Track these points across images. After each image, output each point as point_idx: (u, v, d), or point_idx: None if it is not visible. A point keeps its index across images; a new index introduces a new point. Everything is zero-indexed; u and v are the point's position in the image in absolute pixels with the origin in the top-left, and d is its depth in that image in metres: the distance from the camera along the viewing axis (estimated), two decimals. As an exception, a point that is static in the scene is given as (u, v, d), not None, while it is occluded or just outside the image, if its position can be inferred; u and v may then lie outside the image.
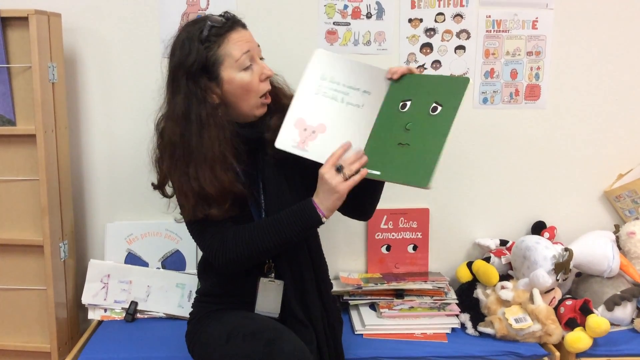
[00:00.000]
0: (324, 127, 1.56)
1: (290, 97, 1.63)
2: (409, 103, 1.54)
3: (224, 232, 1.56)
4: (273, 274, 1.65)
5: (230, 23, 1.56)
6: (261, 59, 1.61)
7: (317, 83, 1.58)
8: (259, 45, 1.61)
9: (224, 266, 1.58)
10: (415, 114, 1.53)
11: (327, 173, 1.50)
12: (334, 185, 1.48)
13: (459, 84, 1.51)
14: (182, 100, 1.52)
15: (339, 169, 1.50)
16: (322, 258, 1.76)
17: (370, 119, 1.57)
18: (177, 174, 1.53)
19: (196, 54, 1.51)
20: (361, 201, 1.66)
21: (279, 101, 1.64)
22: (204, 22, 1.53)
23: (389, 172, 1.50)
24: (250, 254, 1.55)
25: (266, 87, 1.58)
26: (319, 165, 1.53)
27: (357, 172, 1.50)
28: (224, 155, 1.52)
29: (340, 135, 1.56)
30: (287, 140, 1.55)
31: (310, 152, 1.55)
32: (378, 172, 1.51)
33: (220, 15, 1.57)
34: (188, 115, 1.51)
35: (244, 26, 1.59)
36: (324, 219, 1.53)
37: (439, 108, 1.50)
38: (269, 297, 1.65)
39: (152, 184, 1.65)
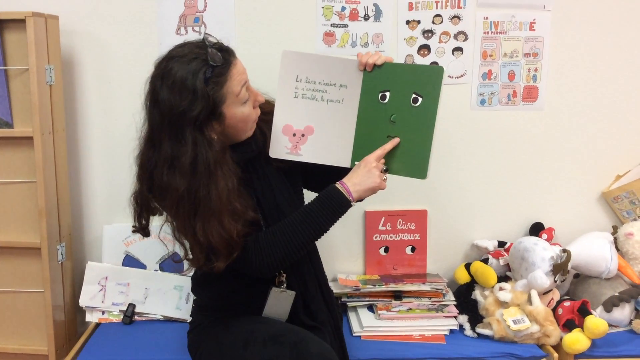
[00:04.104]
0: (312, 128, 1.60)
1: (272, 103, 1.62)
2: (388, 94, 1.56)
3: (256, 242, 1.50)
4: (285, 285, 1.63)
5: (228, 57, 1.45)
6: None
7: (293, 86, 1.58)
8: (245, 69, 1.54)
9: (267, 272, 1.54)
10: (397, 105, 1.55)
11: (374, 163, 1.52)
12: (375, 177, 1.50)
13: (434, 73, 1.53)
14: (189, 151, 1.40)
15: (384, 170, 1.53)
16: (320, 262, 1.75)
17: (352, 112, 1.59)
18: (183, 224, 1.45)
19: (203, 102, 1.39)
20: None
21: (265, 111, 1.62)
22: (202, 63, 1.40)
23: (385, 164, 1.56)
24: (287, 253, 1.51)
25: (258, 112, 1.56)
26: (311, 166, 1.58)
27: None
28: (233, 204, 1.44)
29: (329, 133, 1.59)
30: (279, 148, 1.60)
31: (304, 156, 1.61)
32: None
33: (213, 46, 1.44)
34: (195, 167, 1.40)
35: (234, 55, 1.49)
36: (353, 203, 1.51)
37: (420, 99, 1.54)
38: (278, 306, 1.64)
39: (133, 227, 1.56)
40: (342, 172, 1.57)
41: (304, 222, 1.50)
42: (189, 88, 1.39)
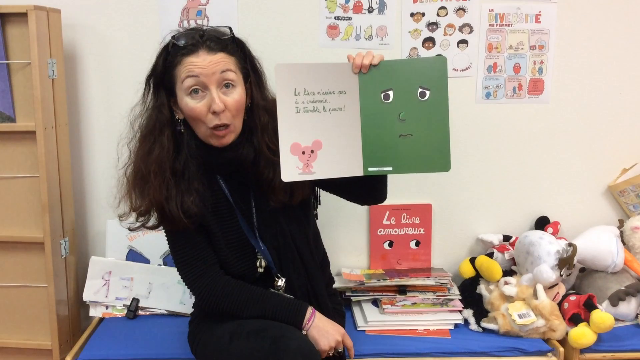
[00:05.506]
0: (319, 143, 1.53)
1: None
2: (391, 93, 1.52)
3: (214, 281, 1.60)
4: (282, 290, 1.64)
5: (192, 45, 1.48)
6: (228, 85, 1.50)
7: (293, 100, 1.51)
8: (225, 71, 1.49)
9: (199, 300, 1.68)
10: (403, 103, 1.52)
11: (339, 338, 1.58)
12: (331, 341, 1.55)
13: (438, 64, 1.51)
14: (141, 104, 1.59)
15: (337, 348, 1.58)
16: (318, 271, 1.72)
17: (355, 117, 1.54)
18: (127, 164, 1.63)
19: (159, 68, 1.54)
20: (374, 188, 1.66)
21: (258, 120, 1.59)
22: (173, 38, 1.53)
23: (402, 165, 1.54)
24: (226, 311, 1.59)
25: (216, 121, 1.49)
26: (321, 182, 1.57)
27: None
28: (162, 166, 1.54)
29: (337, 144, 1.53)
30: (291, 170, 1.51)
31: (317, 173, 1.53)
32: (390, 168, 1.54)
33: (195, 30, 1.52)
34: (143, 121, 1.58)
35: (212, 49, 1.48)
36: (304, 331, 1.55)
37: (428, 93, 1.51)
38: None
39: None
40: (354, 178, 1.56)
41: (259, 302, 1.58)
42: (158, 54, 1.56)
